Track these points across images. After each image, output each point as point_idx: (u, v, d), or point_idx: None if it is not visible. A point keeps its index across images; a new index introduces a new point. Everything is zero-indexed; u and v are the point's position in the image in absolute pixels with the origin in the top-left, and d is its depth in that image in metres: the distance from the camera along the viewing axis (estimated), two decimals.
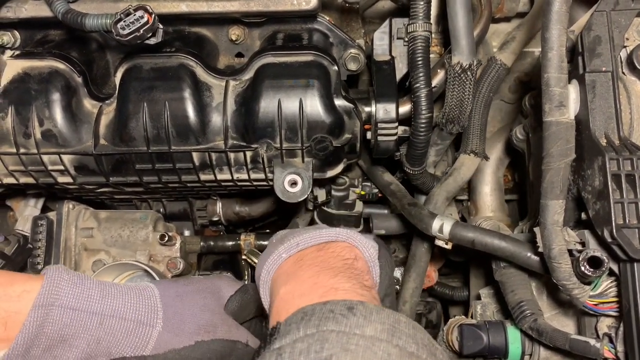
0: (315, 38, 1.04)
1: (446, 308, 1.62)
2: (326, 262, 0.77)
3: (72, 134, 0.96)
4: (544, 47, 0.77)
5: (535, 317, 0.93)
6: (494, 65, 1.09)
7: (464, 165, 1.16)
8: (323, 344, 0.59)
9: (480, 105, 1.10)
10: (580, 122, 0.84)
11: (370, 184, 1.27)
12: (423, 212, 1.05)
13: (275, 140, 0.96)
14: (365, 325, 0.62)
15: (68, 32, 1.03)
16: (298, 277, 0.75)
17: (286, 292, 0.74)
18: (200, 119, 0.95)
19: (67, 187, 1.04)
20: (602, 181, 0.78)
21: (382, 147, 1.02)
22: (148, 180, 1.02)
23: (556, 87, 0.77)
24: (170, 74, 0.95)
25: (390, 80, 1.01)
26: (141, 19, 0.83)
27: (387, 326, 0.63)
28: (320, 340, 0.59)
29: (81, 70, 0.97)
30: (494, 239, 0.96)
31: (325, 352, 0.57)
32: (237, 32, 1.04)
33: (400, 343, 0.61)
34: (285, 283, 0.76)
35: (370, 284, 0.76)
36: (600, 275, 0.81)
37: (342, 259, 0.78)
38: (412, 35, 0.97)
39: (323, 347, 0.58)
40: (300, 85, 0.95)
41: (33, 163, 0.97)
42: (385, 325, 0.63)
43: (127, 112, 0.94)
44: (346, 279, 0.74)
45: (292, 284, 0.75)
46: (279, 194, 0.98)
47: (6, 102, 0.94)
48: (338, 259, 0.78)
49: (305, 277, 0.75)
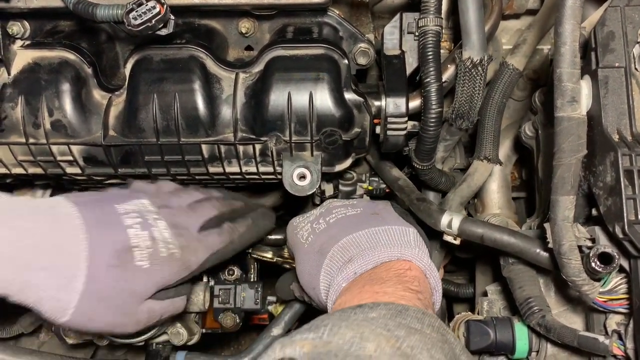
0: (325, 32, 1.04)
1: (450, 306, 1.61)
2: (377, 275, 0.84)
3: (81, 124, 0.96)
4: (557, 41, 0.77)
5: (544, 313, 0.93)
6: (506, 70, 1.09)
7: (477, 171, 1.16)
8: (324, 319, 0.65)
9: (494, 111, 1.10)
10: (592, 118, 0.83)
11: (378, 179, 1.27)
12: (432, 207, 1.04)
13: (284, 134, 0.96)
14: (370, 311, 0.67)
15: (78, 23, 1.02)
16: (349, 291, 0.83)
17: (336, 305, 0.83)
18: (209, 111, 0.95)
19: (76, 178, 1.04)
20: (614, 177, 0.78)
21: (391, 141, 1.02)
22: (157, 172, 1.01)
23: (568, 82, 0.77)
24: (180, 66, 0.95)
25: (400, 75, 1.01)
26: (153, 9, 0.82)
27: (392, 311, 0.67)
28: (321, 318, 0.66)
29: (91, 61, 0.97)
30: (503, 235, 0.95)
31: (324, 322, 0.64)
32: (247, 25, 1.04)
33: (404, 321, 0.64)
34: (339, 297, 0.84)
35: (419, 288, 0.81)
36: (611, 272, 0.80)
37: (393, 270, 0.84)
38: (423, 29, 0.96)
39: (323, 321, 0.65)
40: (310, 79, 0.95)
41: (42, 153, 0.97)
42: (391, 311, 0.67)
43: (137, 104, 0.94)
44: (392, 284, 0.80)
45: (343, 297, 0.83)
46: (288, 187, 0.98)
47: (16, 92, 0.94)
48: (389, 271, 0.84)
49: (354, 289, 0.82)
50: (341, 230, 0.95)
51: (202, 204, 0.98)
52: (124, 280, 0.82)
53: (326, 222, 1.00)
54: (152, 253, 0.85)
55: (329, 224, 0.99)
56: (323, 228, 0.99)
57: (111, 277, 0.81)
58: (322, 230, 0.99)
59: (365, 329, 0.61)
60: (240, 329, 1.25)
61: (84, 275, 0.79)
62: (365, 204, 1.07)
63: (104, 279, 0.80)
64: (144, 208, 0.89)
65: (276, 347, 0.61)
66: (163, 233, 0.87)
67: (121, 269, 0.82)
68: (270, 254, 1.22)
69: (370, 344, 0.59)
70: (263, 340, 1.21)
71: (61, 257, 0.78)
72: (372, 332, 0.61)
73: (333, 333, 0.61)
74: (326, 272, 0.91)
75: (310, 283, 0.95)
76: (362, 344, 0.59)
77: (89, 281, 0.79)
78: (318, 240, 0.97)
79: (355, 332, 0.61)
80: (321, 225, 1.00)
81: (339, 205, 1.04)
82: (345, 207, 1.03)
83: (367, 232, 0.92)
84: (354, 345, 0.59)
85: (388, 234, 0.92)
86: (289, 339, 0.62)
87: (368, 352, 0.58)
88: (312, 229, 1.00)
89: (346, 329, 0.61)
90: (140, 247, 0.84)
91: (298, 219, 1.08)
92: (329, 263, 0.91)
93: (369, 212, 1.01)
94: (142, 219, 0.86)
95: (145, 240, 0.85)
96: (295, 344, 0.60)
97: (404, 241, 0.91)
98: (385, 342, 0.60)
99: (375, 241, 0.90)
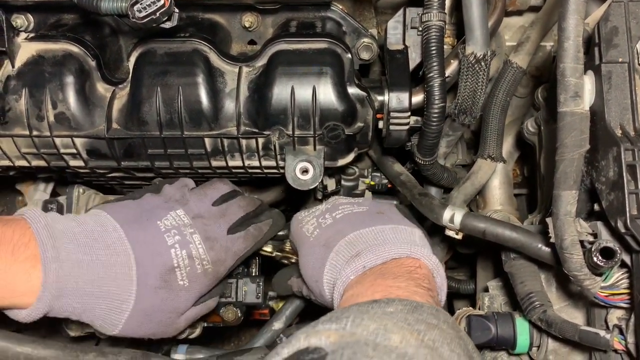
0: (328, 26, 1.04)
1: (451, 302, 1.62)
2: (388, 270, 0.85)
3: (85, 117, 0.96)
4: (561, 37, 0.77)
5: (545, 308, 0.93)
6: (510, 69, 1.09)
7: (481, 170, 1.16)
8: (344, 312, 0.65)
9: (497, 110, 1.10)
10: (595, 113, 0.84)
11: (380, 175, 1.27)
12: (434, 202, 1.05)
13: (287, 128, 0.96)
14: (387, 306, 0.67)
15: (81, 16, 1.03)
16: (359, 283, 0.84)
17: (347, 296, 0.84)
18: (213, 105, 0.95)
19: (79, 170, 1.04)
20: (616, 172, 0.78)
21: (393, 136, 1.02)
22: (160, 166, 1.02)
23: (572, 77, 0.77)
24: (184, 59, 0.95)
25: (403, 69, 1.01)
26: (157, 2, 0.82)
27: (409, 307, 0.67)
28: (341, 310, 0.66)
29: (95, 54, 0.97)
30: (505, 230, 0.95)
31: (345, 314, 0.64)
32: (250, 19, 1.04)
33: (421, 317, 0.65)
34: (349, 289, 0.85)
35: (429, 286, 0.82)
36: (613, 266, 0.81)
37: (404, 266, 0.85)
38: (427, 24, 0.96)
39: (343, 313, 0.65)
40: (314, 73, 0.95)
41: (45, 146, 0.97)
42: (407, 306, 0.68)
43: (141, 97, 0.94)
44: (404, 279, 0.81)
45: (354, 288, 0.84)
46: (290, 181, 0.98)
47: (20, 84, 0.94)
48: (400, 267, 0.85)
49: (365, 282, 0.83)
50: (348, 225, 0.96)
51: (230, 205, 1.05)
52: (169, 299, 0.93)
53: (332, 217, 1.00)
54: (190, 272, 0.94)
55: (335, 219, 0.99)
56: (329, 223, 0.99)
57: (158, 298, 0.91)
58: (328, 225, 0.99)
59: (387, 322, 0.61)
60: (240, 324, 1.25)
61: (133, 300, 0.89)
62: (370, 202, 1.08)
63: (150, 300, 0.91)
64: (181, 222, 0.97)
65: (300, 336, 0.61)
66: (198, 249, 0.96)
67: (166, 290, 0.92)
68: (270, 248, 1.22)
69: (395, 335, 0.59)
70: (264, 334, 1.22)
71: (115, 285, 0.88)
72: (395, 325, 0.61)
73: (356, 324, 0.61)
74: (332, 265, 0.91)
75: (313, 276, 0.96)
76: (387, 335, 0.59)
77: (137, 302, 0.89)
78: (324, 234, 0.97)
79: (379, 324, 0.61)
80: (327, 220, 1.00)
81: (345, 202, 1.05)
82: (351, 205, 1.04)
83: (374, 229, 0.93)
84: (379, 336, 0.59)
85: (395, 232, 0.93)
86: (312, 329, 0.62)
87: (394, 343, 0.58)
88: (318, 223, 1.01)
89: (369, 320, 0.62)
90: (180, 267, 0.93)
91: (303, 214, 1.08)
92: (334, 257, 0.91)
93: (375, 210, 1.01)
94: (180, 237, 0.95)
95: (184, 259, 0.94)
96: (320, 334, 0.60)
97: (411, 240, 0.92)
98: (409, 334, 0.60)
99: (382, 238, 0.91)
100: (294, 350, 0.60)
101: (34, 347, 0.88)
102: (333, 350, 0.57)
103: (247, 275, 1.23)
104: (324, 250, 0.93)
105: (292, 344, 0.61)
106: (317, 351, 0.58)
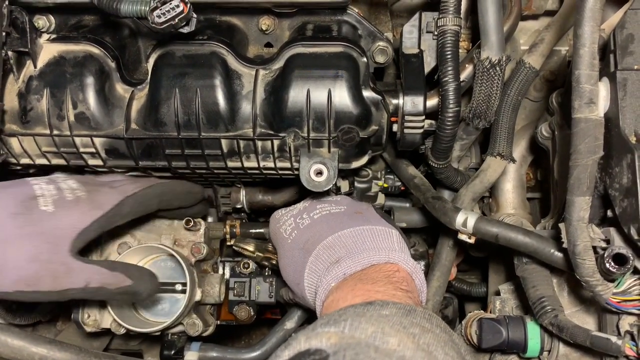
0: (344, 30, 1.05)
1: (462, 305, 1.62)
2: (367, 275, 0.86)
3: (104, 117, 0.98)
4: (576, 43, 0.77)
5: (556, 313, 0.94)
6: (523, 69, 1.09)
7: (490, 167, 1.16)
8: (341, 315, 0.66)
9: (509, 108, 1.10)
10: (610, 120, 0.84)
11: (393, 177, 1.28)
12: (447, 205, 1.05)
13: (302, 130, 0.97)
14: (382, 309, 0.68)
15: (101, 18, 1.04)
16: (339, 289, 0.85)
17: (328, 302, 0.84)
18: (230, 107, 0.96)
19: (97, 169, 1.06)
20: (630, 178, 0.78)
21: (408, 139, 1.03)
22: (177, 166, 1.03)
23: (587, 84, 0.78)
24: (202, 62, 0.97)
25: (418, 73, 1.02)
26: (177, 8, 0.84)
27: (403, 310, 0.69)
28: (339, 313, 0.67)
29: (114, 55, 0.99)
30: (518, 234, 0.96)
31: (342, 317, 0.64)
32: (267, 22, 1.05)
33: (415, 320, 0.66)
34: (330, 295, 0.86)
35: (408, 288, 0.84)
36: (625, 273, 0.81)
37: (383, 271, 0.86)
38: (442, 29, 0.97)
39: (341, 316, 0.65)
40: (329, 76, 0.96)
41: (65, 145, 0.99)
42: (401, 310, 0.69)
43: (159, 98, 0.96)
44: (383, 284, 0.82)
45: (334, 294, 0.84)
46: (305, 183, 0.99)
47: (42, 85, 0.96)
48: (379, 272, 0.86)
49: (345, 287, 0.84)
50: (326, 227, 0.97)
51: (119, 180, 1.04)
52: (31, 224, 0.84)
53: (310, 218, 1.01)
54: (58, 199, 0.88)
55: (313, 220, 1.01)
56: (307, 223, 1.00)
57: (16, 223, 0.83)
58: (306, 226, 1.00)
59: (384, 325, 0.63)
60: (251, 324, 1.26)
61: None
62: (348, 201, 1.09)
63: (10, 226, 0.83)
64: (54, 176, 0.97)
65: (300, 338, 0.62)
66: (70, 184, 0.92)
67: (26, 215, 0.84)
68: (252, 247, 1.22)
69: (393, 338, 0.60)
70: (276, 333, 1.23)
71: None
72: (391, 328, 0.62)
73: (354, 327, 0.62)
74: (311, 270, 0.92)
75: (294, 279, 0.97)
76: (385, 338, 0.60)
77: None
78: (302, 237, 0.99)
79: (376, 327, 0.62)
80: (305, 220, 1.01)
81: (323, 201, 1.07)
82: (329, 204, 1.05)
83: (352, 231, 0.94)
84: (377, 339, 0.60)
85: (373, 235, 0.94)
86: (311, 331, 0.63)
87: (392, 346, 0.59)
88: (296, 224, 1.02)
89: (366, 323, 0.63)
90: (45, 195, 0.87)
91: (281, 212, 1.09)
92: (314, 261, 0.92)
93: (352, 210, 1.03)
94: (49, 180, 0.93)
95: (50, 190, 0.89)
96: (320, 336, 0.61)
97: (388, 243, 0.93)
98: (406, 337, 0.61)
99: (361, 242, 0.92)
100: (294, 352, 0.61)
101: (49, 349, 0.88)
102: (335, 351, 0.58)
103: (260, 275, 1.25)
104: (304, 254, 0.95)
105: (292, 346, 0.62)
106: (318, 353, 0.58)
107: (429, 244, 1.39)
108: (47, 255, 0.85)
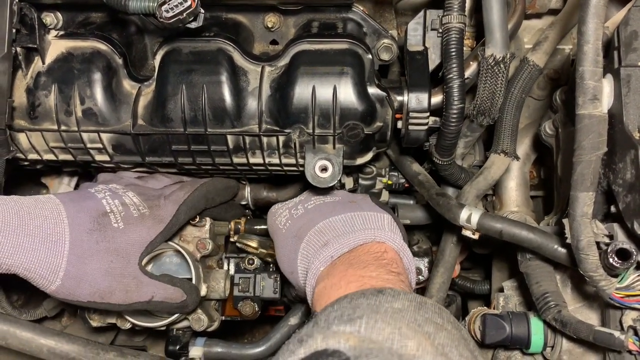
0: (349, 27, 1.06)
1: (465, 303, 1.62)
2: (356, 258, 0.85)
3: (111, 113, 0.99)
4: (580, 40, 0.78)
5: (560, 308, 0.94)
6: (526, 66, 1.09)
7: (494, 165, 1.17)
8: (355, 309, 0.64)
9: (512, 106, 1.11)
10: (613, 116, 0.84)
11: (397, 174, 1.28)
12: (451, 202, 1.06)
13: (307, 126, 0.98)
14: (394, 301, 0.67)
15: (109, 15, 1.05)
16: (331, 275, 0.84)
17: (320, 288, 0.83)
18: (236, 103, 0.97)
19: (104, 165, 1.07)
20: (633, 174, 0.79)
21: (412, 136, 1.04)
22: (183, 162, 1.04)
23: (590, 80, 0.78)
24: (208, 58, 0.98)
25: (423, 70, 1.03)
26: (185, 3, 0.85)
27: (414, 303, 0.68)
28: (352, 307, 0.65)
29: (122, 51, 1.00)
30: (522, 230, 0.96)
31: (357, 314, 0.63)
32: (273, 20, 1.06)
33: (427, 315, 0.66)
34: (320, 281, 0.85)
35: (398, 270, 0.83)
36: (628, 268, 0.82)
37: (371, 253, 0.86)
38: (447, 26, 0.98)
39: (355, 311, 0.64)
40: (335, 73, 0.97)
41: (73, 140, 1.00)
42: (412, 302, 0.68)
43: (166, 94, 0.97)
44: (374, 267, 0.82)
45: (325, 280, 0.83)
46: (310, 179, 1.00)
47: (50, 80, 0.97)
48: (367, 255, 0.86)
49: (336, 273, 0.83)
50: (318, 214, 0.98)
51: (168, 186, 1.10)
52: (105, 240, 0.92)
53: (304, 208, 1.02)
54: (125, 216, 0.96)
55: (306, 210, 1.02)
56: (301, 214, 1.01)
57: (93, 239, 0.91)
58: (299, 216, 1.01)
59: (401, 324, 0.61)
60: (255, 320, 1.27)
61: (68, 241, 0.88)
62: (344, 193, 1.11)
63: (87, 242, 0.90)
64: (113, 187, 1.02)
65: (317, 337, 0.60)
66: (132, 199, 0.99)
67: (101, 232, 0.92)
68: (255, 243, 1.23)
69: (411, 341, 0.59)
70: (281, 329, 1.23)
71: (46, 224, 0.87)
72: (408, 328, 0.61)
73: (370, 327, 0.60)
74: (303, 255, 0.92)
75: (289, 267, 0.97)
76: (403, 341, 0.58)
77: (73, 245, 0.88)
78: (295, 225, 0.99)
79: (393, 327, 0.60)
80: (299, 211, 1.02)
81: (319, 193, 1.08)
82: (324, 195, 1.07)
83: (343, 217, 0.95)
84: (395, 342, 0.58)
85: (363, 219, 0.94)
86: (327, 330, 0.61)
87: (411, 350, 0.58)
88: (290, 214, 1.03)
89: (382, 323, 0.61)
90: (114, 212, 0.95)
91: (277, 206, 1.10)
92: (305, 247, 0.92)
93: (347, 200, 1.04)
94: (111, 193, 0.99)
95: (117, 206, 0.96)
96: (338, 336, 0.59)
97: (377, 224, 0.93)
98: (424, 339, 0.60)
99: (350, 225, 0.92)
100: (311, 351, 0.59)
101: (57, 341, 0.91)
102: (355, 355, 0.56)
103: (264, 271, 1.25)
104: (296, 241, 0.95)
105: (308, 344, 0.60)
106: (337, 354, 0.57)
107: (433, 242, 1.39)
108: (120, 270, 0.93)
